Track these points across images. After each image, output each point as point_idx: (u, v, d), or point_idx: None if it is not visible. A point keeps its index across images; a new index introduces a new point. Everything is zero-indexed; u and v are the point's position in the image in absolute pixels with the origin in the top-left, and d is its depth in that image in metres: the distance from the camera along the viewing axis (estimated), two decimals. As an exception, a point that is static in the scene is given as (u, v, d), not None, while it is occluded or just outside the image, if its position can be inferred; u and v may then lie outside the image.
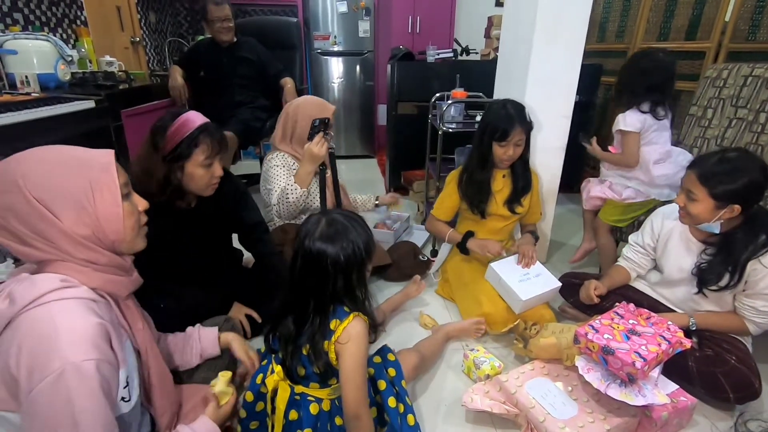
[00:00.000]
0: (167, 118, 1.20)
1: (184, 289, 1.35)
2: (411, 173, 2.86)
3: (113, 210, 0.75)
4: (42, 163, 0.72)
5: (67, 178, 0.72)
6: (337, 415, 1.03)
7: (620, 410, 1.11)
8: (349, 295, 0.98)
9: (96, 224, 0.74)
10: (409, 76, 2.79)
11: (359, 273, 0.99)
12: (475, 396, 1.19)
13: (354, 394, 0.93)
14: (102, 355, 0.69)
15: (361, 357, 0.95)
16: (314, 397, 1.03)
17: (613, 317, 1.22)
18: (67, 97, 1.67)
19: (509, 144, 1.53)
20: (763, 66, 1.88)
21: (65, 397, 0.64)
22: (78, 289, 0.73)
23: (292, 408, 1.02)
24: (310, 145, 1.52)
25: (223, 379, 0.99)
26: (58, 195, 0.71)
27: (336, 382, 1.02)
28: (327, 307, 0.97)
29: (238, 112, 2.56)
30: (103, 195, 0.74)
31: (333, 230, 0.95)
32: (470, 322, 1.54)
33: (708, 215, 1.17)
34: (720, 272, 1.20)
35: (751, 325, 1.23)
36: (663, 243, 1.38)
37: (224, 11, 2.43)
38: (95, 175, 0.74)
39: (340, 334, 0.94)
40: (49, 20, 2.27)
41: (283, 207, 1.64)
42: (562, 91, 1.76)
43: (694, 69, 2.51)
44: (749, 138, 1.87)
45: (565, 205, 2.76)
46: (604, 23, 3.10)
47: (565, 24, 1.64)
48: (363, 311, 0.99)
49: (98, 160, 0.76)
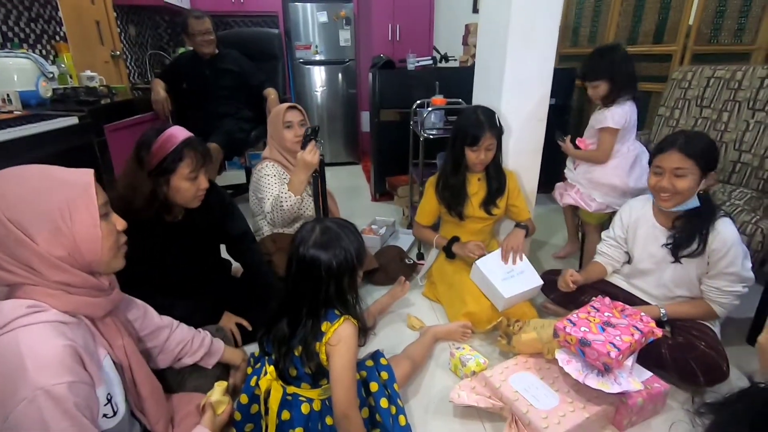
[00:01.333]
0: (151, 134, 1.22)
1: (174, 299, 1.37)
2: (396, 179, 2.91)
3: (91, 231, 0.75)
4: (18, 184, 0.71)
5: (43, 199, 0.71)
6: (327, 414, 1.07)
7: (598, 399, 1.17)
8: (340, 300, 1.02)
9: (73, 245, 0.74)
10: (390, 84, 2.86)
11: (350, 278, 1.03)
12: (462, 392, 1.24)
13: (343, 394, 0.97)
14: (74, 377, 0.68)
15: (350, 358, 0.99)
16: (305, 397, 1.07)
17: (590, 311, 1.28)
18: (50, 114, 1.67)
19: (480, 149, 1.59)
20: (724, 68, 1.99)
21: (39, 421, 0.64)
22: (46, 313, 0.72)
23: (285, 408, 1.05)
24: (303, 153, 1.54)
25: (219, 389, 1.03)
26: (33, 217, 0.70)
27: (326, 382, 1.05)
28: (319, 310, 1.01)
29: (222, 123, 2.58)
30: (81, 216, 0.74)
31: (327, 238, 1.00)
32: (456, 325, 1.58)
33: (695, 187, 1.26)
34: (689, 237, 1.29)
35: (717, 307, 1.31)
36: (633, 232, 1.47)
37: (205, 24, 2.45)
38: (73, 196, 0.73)
39: (330, 335, 0.98)
40: (28, 36, 2.27)
41: (277, 214, 1.66)
42: (537, 95, 1.83)
43: (662, 71, 2.62)
44: (714, 136, 1.97)
45: (546, 205, 2.84)
46: (577, 28, 3.21)
47: (537, 31, 1.70)
48: (353, 315, 1.03)
49: (77, 180, 0.75)
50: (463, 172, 1.68)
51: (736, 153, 1.88)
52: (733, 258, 1.25)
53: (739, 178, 1.87)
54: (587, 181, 1.84)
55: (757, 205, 1.67)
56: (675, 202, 1.29)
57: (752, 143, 1.83)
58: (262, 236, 1.83)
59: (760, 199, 1.71)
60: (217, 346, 1.22)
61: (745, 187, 1.84)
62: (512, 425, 1.16)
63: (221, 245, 1.59)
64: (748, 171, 1.84)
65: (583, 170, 1.86)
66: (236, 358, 1.27)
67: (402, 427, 1.13)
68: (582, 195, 1.86)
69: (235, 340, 1.47)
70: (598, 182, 1.80)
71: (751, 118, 1.85)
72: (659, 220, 1.39)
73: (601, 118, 1.75)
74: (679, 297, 1.40)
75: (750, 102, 1.86)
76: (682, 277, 1.36)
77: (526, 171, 1.91)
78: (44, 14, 2.37)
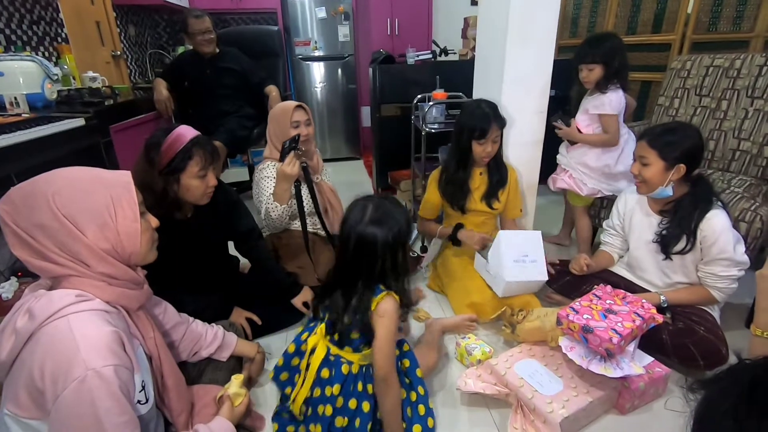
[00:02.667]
0: (159, 134, 1.25)
1: (184, 296, 1.40)
2: (398, 173, 2.93)
3: (132, 225, 0.82)
4: (69, 184, 0.78)
5: (91, 196, 0.79)
6: (361, 380, 1.15)
7: (601, 383, 1.20)
8: (394, 273, 1.10)
9: (116, 238, 0.81)
10: (390, 79, 2.87)
11: (404, 251, 1.11)
12: (469, 380, 1.27)
13: (383, 361, 1.07)
14: (119, 361, 0.74)
15: (391, 330, 1.08)
16: (346, 359, 1.16)
17: (592, 299, 1.31)
18: (57, 116, 1.69)
19: (488, 141, 1.61)
20: (722, 56, 2.00)
21: (89, 401, 0.69)
22: (92, 302, 0.78)
23: (325, 366, 1.16)
24: (282, 165, 1.58)
25: (236, 382, 1.08)
26: (83, 212, 0.77)
27: (367, 349, 1.14)
28: (374, 283, 1.10)
29: (225, 121, 2.60)
30: (125, 211, 0.81)
31: (380, 214, 1.07)
32: (462, 318, 1.61)
33: (660, 177, 1.31)
34: (677, 235, 1.34)
35: (715, 292, 1.34)
36: (628, 220, 1.52)
37: (204, 24, 2.46)
38: (117, 194, 0.81)
39: (375, 308, 1.08)
40: (31, 39, 2.28)
41: (269, 222, 1.70)
42: (537, 87, 1.84)
43: (661, 60, 2.64)
44: (713, 125, 1.99)
45: (547, 197, 2.85)
46: (576, 19, 3.22)
47: (536, 23, 1.72)
48: (399, 289, 1.12)
49: (119, 179, 0.83)
50: (469, 167, 1.70)
51: (736, 141, 1.89)
52: (724, 244, 1.28)
53: (738, 165, 1.89)
54: (581, 165, 1.90)
55: (756, 192, 1.69)
56: (646, 189, 1.36)
57: (751, 131, 1.85)
58: (267, 233, 1.85)
59: (759, 186, 1.73)
60: (230, 339, 1.26)
61: (744, 174, 1.87)
62: (518, 411, 1.20)
63: (229, 242, 1.62)
64: (747, 158, 1.86)
65: (578, 154, 1.91)
66: (250, 351, 1.32)
67: (421, 416, 1.16)
68: (575, 179, 1.92)
69: (246, 335, 1.50)
70: (592, 166, 1.87)
71: (750, 106, 1.86)
72: (652, 207, 1.44)
73: (598, 103, 1.78)
74: (679, 284, 1.43)
75: (749, 90, 1.87)
76: (679, 265, 1.40)
77: (527, 163, 1.93)
78: (46, 16, 2.39)
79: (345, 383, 1.13)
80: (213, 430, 0.94)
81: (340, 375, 1.13)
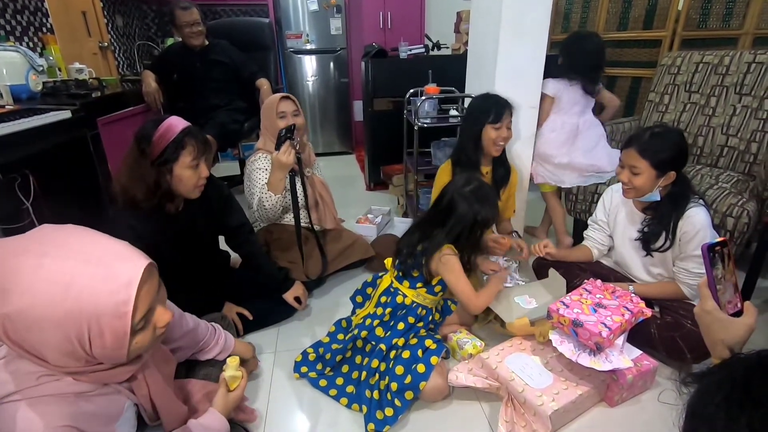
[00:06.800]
0: (150, 125, 1.23)
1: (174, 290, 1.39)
2: (390, 168, 2.93)
3: (116, 353, 0.69)
4: (26, 308, 0.61)
5: (51, 332, 0.63)
6: (410, 314, 1.35)
7: (591, 376, 1.22)
8: (466, 241, 1.32)
9: (92, 360, 0.70)
10: (382, 73, 2.85)
11: (481, 232, 1.33)
12: (460, 374, 1.28)
13: (466, 299, 1.33)
14: None
15: (458, 270, 1.31)
16: (403, 293, 1.38)
17: (582, 293, 1.32)
18: (42, 108, 1.65)
19: (503, 125, 1.61)
20: (712, 53, 2.02)
21: None
22: (58, 384, 0.69)
23: (385, 295, 1.40)
24: (278, 154, 1.57)
25: (232, 364, 1.03)
26: (40, 344, 0.65)
27: (422, 289, 1.36)
28: (446, 239, 1.30)
29: (215, 115, 2.56)
30: (104, 340, 0.66)
31: (480, 192, 1.30)
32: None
33: (650, 184, 1.31)
34: (657, 233, 1.36)
35: (684, 288, 1.36)
36: (613, 217, 1.53)
37: (192, 16, 2.42)
38: (99, 323, 0.65)
39: (439, 255, 1.29)
40: (14, 29, 2.23)
41: (262, 213, 1.69)
42: (530, 82, 1.85)
43: (651, 57, 2.65)
44: (702, 121, 2.01)
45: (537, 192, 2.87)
46: (568, 14, 3.22)
47: (529, 18, 1.72)
48: (464, 258, 1.34)
49: (113, 299, 0.65)
50: (480, 157, 1.68)
51: (724, 137, 1.92)
52: (700, 242, 1.28)
53: (726, 161, 1.92)
54: (539, 153, 1.99)
55: (744, 187, 1.72)
56: (635, 194, 1.36)
57: (739, 127, 1.87)
58: (258, 227, 1.84)
59: (746, 181, 1.76)
60: (230, 342, 1.25)
61: (732, 170, 1.89)
62: (509, 404, 1.21)
63: (220, 237, 1.60)
64: (734, 155, 1.89)
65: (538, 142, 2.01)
66: (246, 352, 1.32)
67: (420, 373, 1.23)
68: (533, 166, 2.03)
69: (237, 330, 1.49)
70: (536, 152, 1.98)
71: (738, 103, 1.88)
72: (636, 206, 1.45)
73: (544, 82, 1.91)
74: (660, 278, 1.46)
75: (737, 87, 1.89)
76: (660, 261, 1.42)
77: (519, 158, 1.94)
78: (30, 5, 2.33)
79: (395, 309, 1.36)
80: (204, 422, 0.93)
81: (395, 303, 1.36)
